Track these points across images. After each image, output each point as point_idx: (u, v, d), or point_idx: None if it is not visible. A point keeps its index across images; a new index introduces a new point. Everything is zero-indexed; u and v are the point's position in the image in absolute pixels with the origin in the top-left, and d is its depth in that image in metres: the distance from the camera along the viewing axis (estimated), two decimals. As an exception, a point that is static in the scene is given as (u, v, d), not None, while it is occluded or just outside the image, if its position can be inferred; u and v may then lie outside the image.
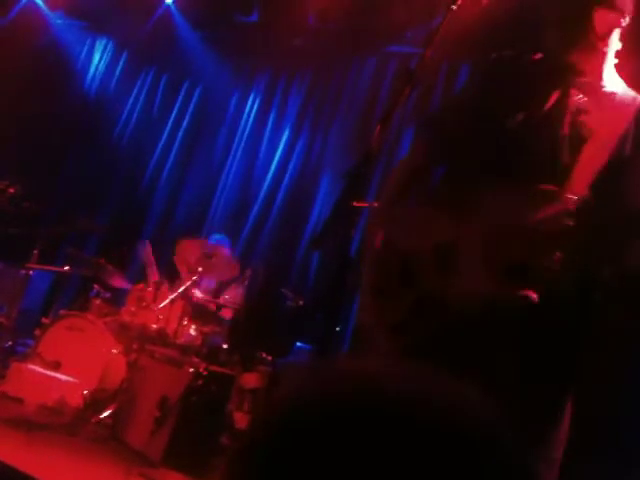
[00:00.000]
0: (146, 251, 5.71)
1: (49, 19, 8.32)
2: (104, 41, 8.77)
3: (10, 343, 5.53)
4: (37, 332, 5.08)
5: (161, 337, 5.13)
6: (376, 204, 2.46)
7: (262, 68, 7.91)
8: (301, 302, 5.74)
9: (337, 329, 5.76)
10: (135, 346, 4.98)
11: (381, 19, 6.53)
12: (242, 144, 7.92)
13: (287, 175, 7.48)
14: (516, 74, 2.13)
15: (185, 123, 8.30)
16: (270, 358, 5.47)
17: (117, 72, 8.68)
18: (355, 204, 1.93)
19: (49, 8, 8.27)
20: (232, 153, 7.92)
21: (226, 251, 5.81)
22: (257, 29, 7.30)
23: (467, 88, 2.41)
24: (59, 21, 8.41)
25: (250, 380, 5.25)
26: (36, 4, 8.22)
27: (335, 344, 5.68)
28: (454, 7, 2.15)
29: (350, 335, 5.68)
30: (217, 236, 6.11)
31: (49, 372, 4.55)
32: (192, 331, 5.24)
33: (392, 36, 6.88)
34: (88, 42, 8.75)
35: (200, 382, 4.36)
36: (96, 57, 8.76)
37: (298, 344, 5.93)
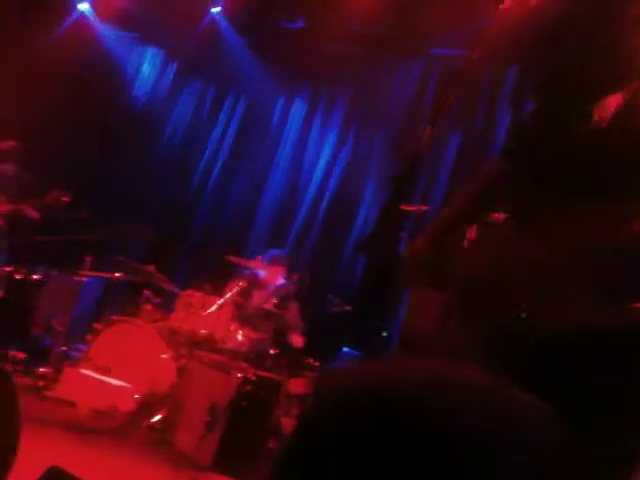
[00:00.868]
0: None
1: (100, 31, 8.53)
2: (153, 51, 8.94)
3: (63, 348, 5.67)
4: (89, 337, 5.19)
5: (209, 342, 5.18)
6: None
7: (307, 75, 7.94)
8: (347, 307, 5.73)
9: (384, 334, 5.74)
10: (184, 351, 5.04)
11: (426, 22, 6.50)
12: (287, 151, 7.97)
13: (332, 181, 7.50)
14: None
15: (231, 131, 8.39)
16: (317, 364, 5.47)
17: (166, 82, 8.83)
18: (402, 208, 1.91)
19: (100, 20, 8.47)
20: (277, 160, 7.97)
21: (282, 267, 5.85)
22: (302, 35, 7.34)
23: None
24: (109, 33, 8.60)
25: (297, 386, 5.25)
26: (87, 17, 8.44)
27: (382, 349, 5.65)
28: (501, 7, 2.11)
29: (397, 340, 5.64)
30: (274, 251, 6.14)
31: (101, 377, 4.64)
32: (240, 336, 5.28)
33: (437, 39, 6.83)
34: (138, 53, 8.92)
35: (248, 387, 4.39)
36: (145, 67, 8.93)
37: (345, 349, 5.91)
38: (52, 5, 8.01)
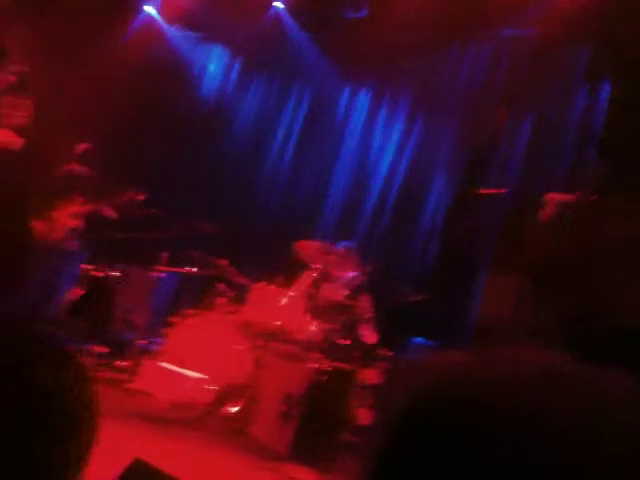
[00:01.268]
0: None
1: (166, 32, 8.71)
2: (218, 50, 9.06)
3: (142, 342, 5.84)
4: (166, 331, 5.32)
5: (283, 334, 5.23)
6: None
7: (372, 65, 7.87)
8: (420, 297, 5.67)
9: (459, 323, 5.65)
10: (258, 343, 5.10)
11: (495, 2, 6.33)
12: (353, 142, 7.94)
13: (400, 170, 7.42)
14: None
15: (297, 124, 8.43)
16: (390, 354, 5.43)
17: (232, 79, 8.94)
18: (480, 192, 1.86)
19: (166, 22, 8.65)
20: (344, 152, 7.95)
21: (353, 258, 5.84)
22: (367, 25, 7.27)
23: None
24: (176, 33, 8.77)
25: (371, 376, 5.24)
26: (154, 19, 8.63)
27: (458, 338, 5.56)
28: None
29: (473, 329, 5.55)
30: (345, 243, 6.14)
31: (179, 369, 4.76)
32: (312, 327, 5.30)
33: (507, 19, 6.64)
34: (203, 52, 9.06)
35: (323, 378, 4.41)
36: (211, 66, 9.06)
37: (418, 339, 5.85)
38: (120, 9, 8.23)
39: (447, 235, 6.49)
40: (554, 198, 3.12)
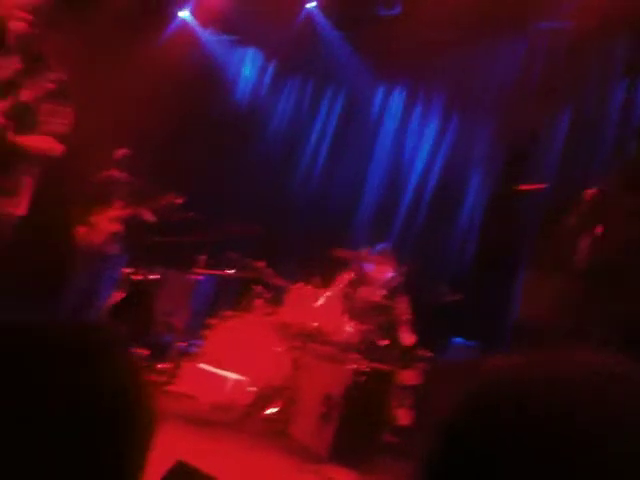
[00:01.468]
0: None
1: (200, 36, 8.80)
2: (252, 52, 9.11)
3: (182, 344, 5.91)
4: (205, 333, 5.37)
5: (320, 335, 5.23)
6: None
7: (405, 63, 7.82)
8: (458, 297, 5.62)
9: (498, 323, 5.58)
10: (296, 344, 5.12)
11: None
12: (388, 142, 7.91)
13: (435, 168, 7.37)
14: None
15: (331, 125, 8.43)
16: (429, 354, 5.40)
17: (266, 81, 8.99)
18: (521, 187, 1.83)
19: (200, 25, 8.74)
20: (378, 151, 7.92)
21: (389, 258, 5.83)
22: (400, 22, 7.23)
23: None
24: (210, 37, 8.86)
25: (410, 377, 5.21)
26: (188, 23, 8.72)
27: (498, 339, 5.49)
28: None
29: (512, 329, 5.47)
30: (382, 245, 6.13)
31: (218, 371, 4.79)
32: (350, 328, 5.30)
33: (542, 12, 6.54)
34: (238, 54, 9.13)
35: (362, 379, 4.40)
36: (246, 68, 9.12)
37: (457, 340, 5.80)
38: (155, 15, 8.33)
39: (485, 233, 6.42)
40: (593, 193, 3.06)
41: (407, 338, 5.57)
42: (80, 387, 0.82)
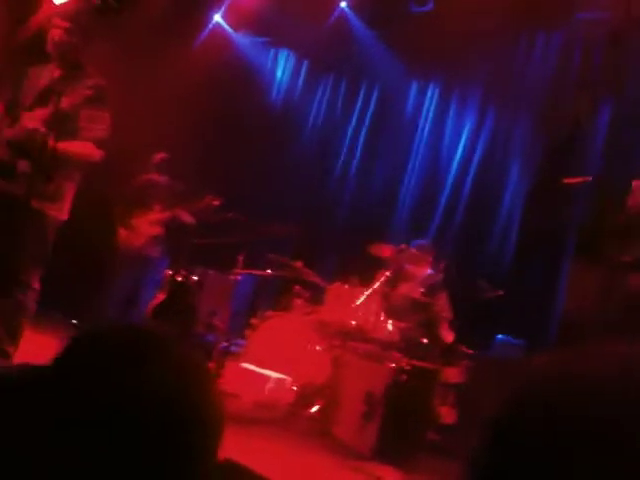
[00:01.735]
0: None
1: (234, 38, 8.86)
2: (285, 53, 9.15)
3: (225, 344, 5.96)
4: (247, 333, 5.41)
5: (360, 333, 5.23)
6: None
7: (439, 58, 7.75)
8: (499, 293, 5.55)
9: (542, 318, 5.49)
10: (336, 343, 5.12)
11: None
12: (424, 138, 7.85)
13: (473, 164, 7.29)
14: None
15: (366, 122, 8.41)
16: (471, 352, 5.35)
17: (300, 81, 9.01)
18: (566, 181, 1.80)
19: (233, 29, 8.80)
20: (414, 148, 7.88)
21: (428, 255, 5.79)
22: (433, 18, 7.18)
23: None
24: (243, 39, 8.92)
25: (452, 374, 5.17)
26: (221, 26, 8.79)
27: (542, 334, 5.41)
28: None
29: (557, 324, 5.38)
30: (419, 241, 6.10)
31: (261, 370, 4.82)
32: (389, 326, 5.28)
33: (581, 2, 6.42)
34: (271, 56, 9.17)
35: (403, 377, 4.38)
36: (279, 69, 9.16)
37: (499, 336, 5.73)
38: (189, 19, 8.42)
39: (527, 227, 6.32)
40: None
41: (447, 335, 5.53)
42: (159, 390, 0.83)
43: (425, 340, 5.32)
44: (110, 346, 0.87)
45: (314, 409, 4.76)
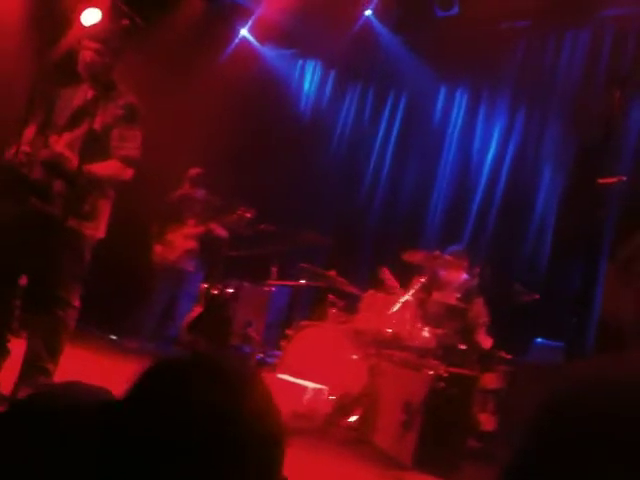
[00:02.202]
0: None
1: (261, 51, 8.94)
2: (312, 63, 9.19)
3: (261, 355, 5.98)
4: (283, 343, 5.42)
5: (396, 341, 5.20)
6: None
7: (467, 62, 7.71)
8: (535, 296, 5.47)
9: (580, 320, 5.39)
10: (372, 351, 5.10)
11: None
12: (454, 142, 7.80)
13: (504, 167, 7.22)
14: None
15: (395, 129, 8.38)
16: (509, 357, 5.28)
17: (327, 91, 9.04)
18: (600, 181, 1.77)
19: (260, 42, 8.88)
20: (444, 153, 7.82)
21: (462, 261, 5.74)
22: (459, 22, 7.15)
23: None
24: (270, 52, 8.98)
25: (491, 380, 5.10)
26: (248, 40, 8.88)
27: (580, 336, 5.31)
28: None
29: (596, 326, 5.28)
30: (453, 247, 6.06)
31: (297, 380, 4.82)
32: (425, 333, 5.24)
33: (604, 0, 6.35)
34: (298, 67, 9.22)
35: (442, 384, 4.34)
36: (307, 80, 9.20)
37: (538, 340, 5.65)
38: (216, 34, 8.52)
39: (562, 229, 6.23)
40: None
41: (485, 341, 5.47)
42: (232, 411, 0.87)
43: (462, 346, 5.27)
44: (184, 376, 0.90)
45: (352, 419, 4.74)
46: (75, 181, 3.26)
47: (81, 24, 5.31)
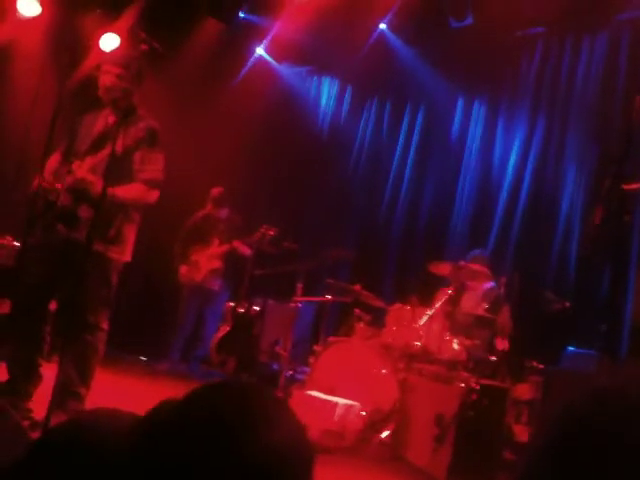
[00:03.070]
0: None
1: (277, 70, 9.00)
2: (329, 80, 9.23)
3: (290, 372, 5.96)
4: (311, 360, 5.39)
5: (425, 354, 5.15)
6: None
7: (484, 72, 7.69)
8: (566, 304, 5.39)
9: (612, 327, 5.30)
10: (401, 365, 5.05)
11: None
12: (474, 152, 7.76)
13: (526, 174, 7.15)
14: None
15: (414, 142, 8.37)
16: (541, 366, 5.20)
17: (344, 106, 9.06)
18: (625, 187, 1.74)
19: (276, 60, 8.94)
20: (465, 163, 7.78)
21: (485, 266, 5.69)
22: (473, 32, 7.14)
23: None
24: (286, 70, 9.04)
25: (524, 391, 5.03)
26: (264, 59, 8.95)
27: (613, 344, 5.22)
28: None
29: (629, 333, 5.19)
30: (475, 251, 6.02)
31: (327, 397, 4.79)
32: (455, 345, 5.18)
33: (622, 2, 6.29)
34: (315, 83, 9.27)
35: (473, 397, 4.28)
36: (324, 96, 9.24)
37: (570, 349, 5.56)
38: (233, 54, 8.60)
39: (588, 236, 6.15)
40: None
41: (500, 344, 5.38)
42: (270, 442, 0.87)
43: (493, 358, 5.20)
44: (212, 407, 0.91)
45: (384, 434, 4.69)
46: (100, 205, 3.29)
47: (100, 50, 5.40)
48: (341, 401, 4.70)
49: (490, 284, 5.82)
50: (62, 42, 6.63)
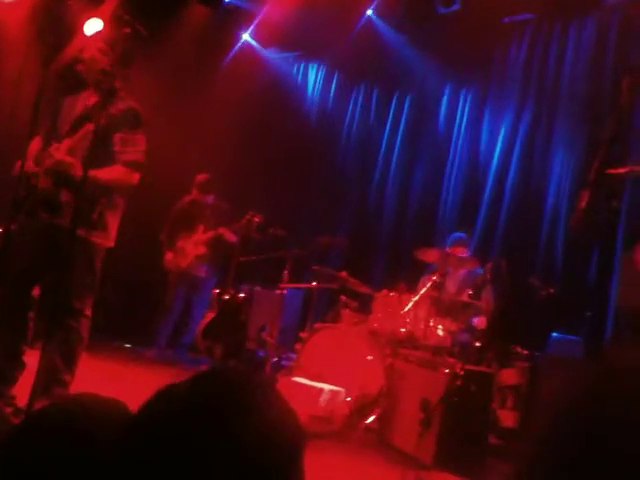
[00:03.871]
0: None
1: (264, 55, 8.94)
2: (316, 65, 9.18)
3: (276, 359, 5.96)
4: (298, 346, 5.40)
5: (411, 340, 5.16)
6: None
7: (471, 58, 7.67)
8: (551, 290, 5.42)
9: (596, 312, 5.34)
10: (388, 351, 5.07)
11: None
12: (462, 138, 7.76)
13: (514, 159, 7.16)
14: None
15: (402, 128, 8.35)
16: (527, 352, 5.23)
17: (332, 92, 9.02)
18: (612, 172, 1.73)
19: (262, 46, 8.88)
20: (453, 149, 7.78)
21: (465, 249, 5.72)
22: (460, 18, 7.12)
23: None
24: (273, 55, 8.98)
25: (509, 376, 5.06)
26: (250, 44, 8.88)
27: (598, 329, 5.26)
28: None
29: (613, 317, 5.21)
30: (456, 234, 6.04)
31: (314, 383, 4.79)
32: (440, 331, 5.20)
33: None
34: (302, 70, 9.22)
35: (459, 382, 4.29)
36: (310, 82, 9.19)
37: (554, 335, 5.60)
38: (219, 40, 8.53)
39: (575, 222, 6.17)
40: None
41: (479, 328, 5.41)
42: (260, 426, 0.89)
43: (478, 343, 5.23)
44: (198, 392, 0.92)
45: (370, 420, 4.71)
46: (81, 188, 3.23)
47: (84, 34, 5.31)
48: (327, 387, 4.71)
49: (475, 270, 5.83)
50: (46, 25, 6.53)
